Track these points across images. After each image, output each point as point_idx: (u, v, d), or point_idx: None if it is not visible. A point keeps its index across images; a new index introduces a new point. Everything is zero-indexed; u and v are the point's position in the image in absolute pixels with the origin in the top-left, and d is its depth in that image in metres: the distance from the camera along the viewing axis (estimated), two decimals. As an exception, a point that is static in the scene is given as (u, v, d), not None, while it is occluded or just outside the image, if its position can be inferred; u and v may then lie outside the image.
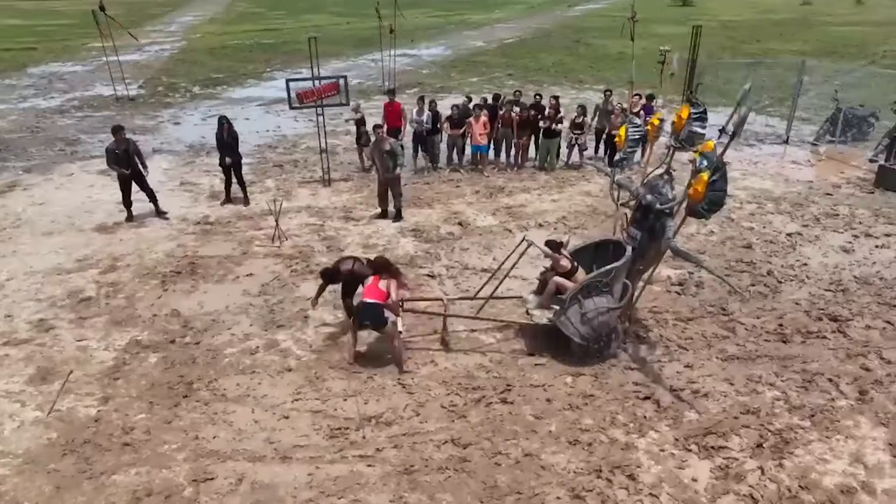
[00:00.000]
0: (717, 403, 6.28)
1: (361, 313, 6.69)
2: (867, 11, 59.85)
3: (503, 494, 5.20)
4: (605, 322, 6.78)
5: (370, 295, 6.72)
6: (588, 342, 6.83)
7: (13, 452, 5.62)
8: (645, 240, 6.87)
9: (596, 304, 6.70)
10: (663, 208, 6.61)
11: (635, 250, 6.90)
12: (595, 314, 6.70)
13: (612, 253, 7.20)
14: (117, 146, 10.31)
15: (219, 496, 5.18)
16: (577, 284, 6.81)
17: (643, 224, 6.89)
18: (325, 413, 6.17)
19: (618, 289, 6.80)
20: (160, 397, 6.36)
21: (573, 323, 6.76)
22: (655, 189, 6.82)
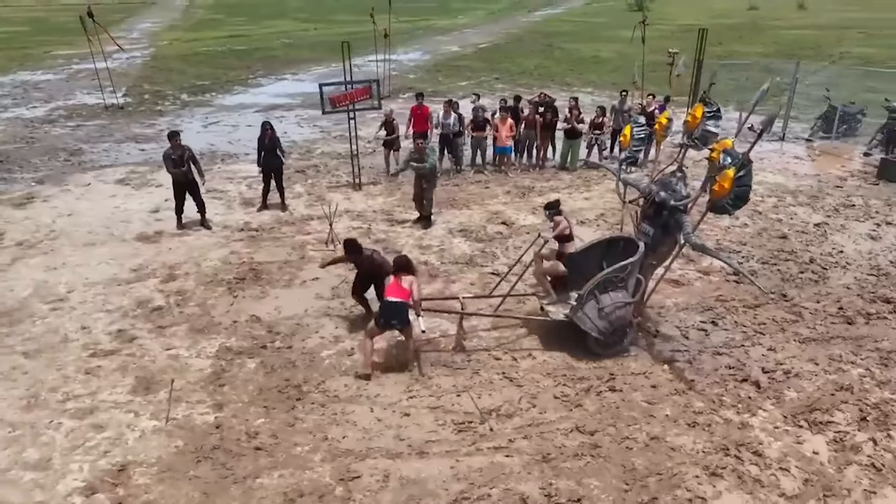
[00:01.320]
0: (811, 382, 6.65)
1: (387, 313, 6.61)
2: (810, 15, 62.72)
3: (643, 476, 5.41)
4: (622, 316, 6.95)
5: (394, 294, 6.62)
6: (605, 336, 6.95)
7: (146, 461, 5.54)
8: (658, 235, 7.07)
9: (612, 298, 6.87)
10: (678, 205, 6.84)
11: (647, 246, 7.07)
12: (612, 309, 6.84)
13: (623, 249, 7.37)
14: (174, 151, 10.19)
15: (371, 493, 5.23)
16: (593, 280, 6.93)
17: (656, 221, 7.08)
18: (444, 409, 6.28)
19: (632, 283, 6.98)
20: (273, 401, 6.35)
21: (591, 318, 6.89)
22: (669, 186, 7.05)
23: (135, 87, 23.75)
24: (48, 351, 7.10)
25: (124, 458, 5.59)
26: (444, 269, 9.24)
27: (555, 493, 5.20)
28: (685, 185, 7.08)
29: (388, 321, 6.63)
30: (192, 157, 10.50)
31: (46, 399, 6.31)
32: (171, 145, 10.30)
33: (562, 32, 44.66)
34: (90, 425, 5.96)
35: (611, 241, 7.74)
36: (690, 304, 8.25)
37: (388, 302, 6.61)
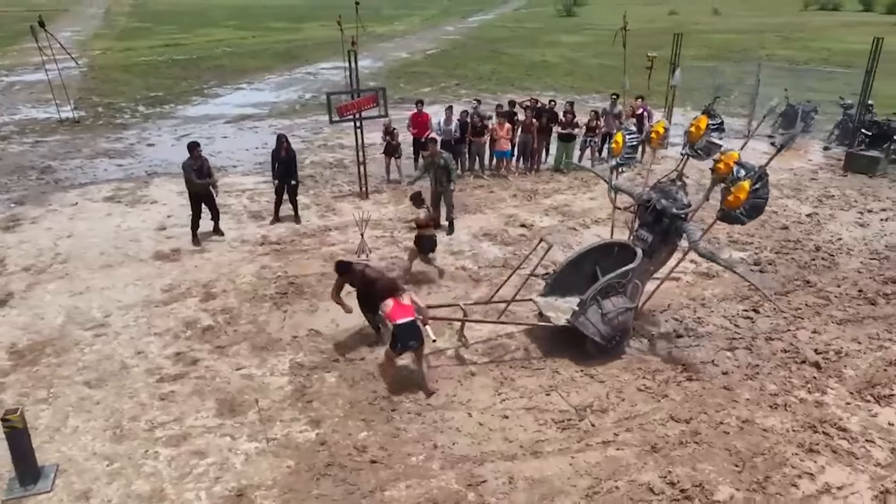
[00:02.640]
0: (862, 360, 7.20)
1: (403, 337, 6.37)
2: (725, 20, 66.55)
3: (749, 458, 5.73)
4: (624, 321, 7.09)
5: (402, 314, 6.40)
6: (607, 341, 7.05)
7: (263, 484, 5.41)
8: (656, 242, 7.26)
9: (614, 304, 7.00)
10: (679, 213, 7.07)
11: (645, 252, 7.22)
12: (615, 314, 6.97)
13: (617, 255, 7.50)
14: (194, 163, 9.88)
15: (504, 495, 5.31)
16: (594, 286, 7.00)
17: (655, 227, 7.27)
18: (539, 408, 6.42)
19: (631, 289, 7.12)
20: (369, 414, 6.31)
21: (594, 323, 6.97)
22: (669, 195, 7.27)
23: (83, 100, 22.56)
24: (111, 379, 6.76)
25: (238, 482, 5.43)
26: (484, 273, 9.35)
27: (676, 481, 5.43)
28: (685, 193, 7.34)
29: (406, 344, 6.41)
30: (210, 170, 10.27)
31: (131, 429, 6.02)
32: (191, 156, 10.02)
33: (502, 38, 45.44)
34: (189, 452, 5.74)
35: (604, 248, 7.82)
36: (728, 295, 8.72)
37: (399, 325, 6.34)
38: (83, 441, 5.84)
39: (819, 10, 75.07)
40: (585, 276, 7.58)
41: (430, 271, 9.13)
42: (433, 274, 9.12)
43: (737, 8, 79.07)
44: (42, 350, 7.27)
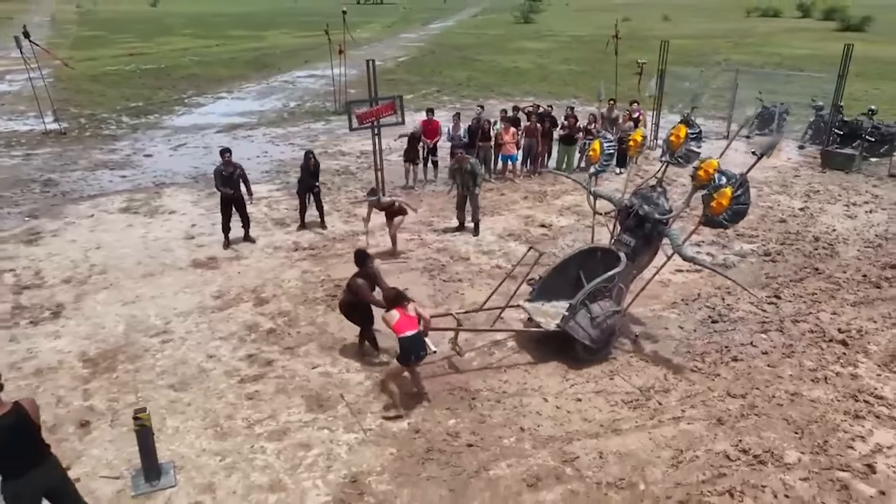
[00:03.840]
0: (882, 336, 7.97)
1: (409, 350, 6.44)
2: (676, 26, 69.07)
3: (805, 425, 6.36)
4: (612, 324, 7.34)
5: (407, 327, 6.42)
6: (596, 344, 7.29)
7: (373, 471, 5.74)
8: (639, 246, 7.54)
9: (602, 308, 7.24)
10: (661, 218, 7.38)
11: (628, 256, 7.50)
12: (603, 318, 7.20)
13: (601, 259, 7.80)
14: (225, 168, 10.06)
15: (598, 468, 5.79)
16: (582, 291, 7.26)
17: (637, 232, 7.54)
18: (607, 391, 6.93)
19: (616, 292, 7.40)
20: (450, 403, 6.71)
21: (583, 327, 7.18)
22: (651, 200, 7.55)
23: (61, 111, 22.02)
24: (194, 382, 6.96)
25: (349, 470, 5.75)
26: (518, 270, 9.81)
27: (748, 448, 6.01)
28: (666, 199, 7.63)
29: (417, 355, 6.49)
30: (243, 175, 10.45)
31: (231, 427, 6.27)
32: (222, 162, 10.22)
33: (468, 45, 46.17)
34: (294, 445, 6.03)
35: (588, 253, 8.12)
36: (749, 284, 9.39)
37: (406, 338, 6.40)
38: (188, 440, 6.06)
39: (761, 17, 78.54)
40: (570, 280, 7.84)
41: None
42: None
43: (684, 14, 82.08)
44: (115, 357, 7.40)
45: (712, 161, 6.98)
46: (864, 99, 20.70)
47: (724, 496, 5.44)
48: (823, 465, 5.82)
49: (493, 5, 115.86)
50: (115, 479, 5.53)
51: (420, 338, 6.48)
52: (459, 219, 11.58)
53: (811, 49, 40.47)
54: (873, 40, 41.56)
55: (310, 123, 20.81)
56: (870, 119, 15.97)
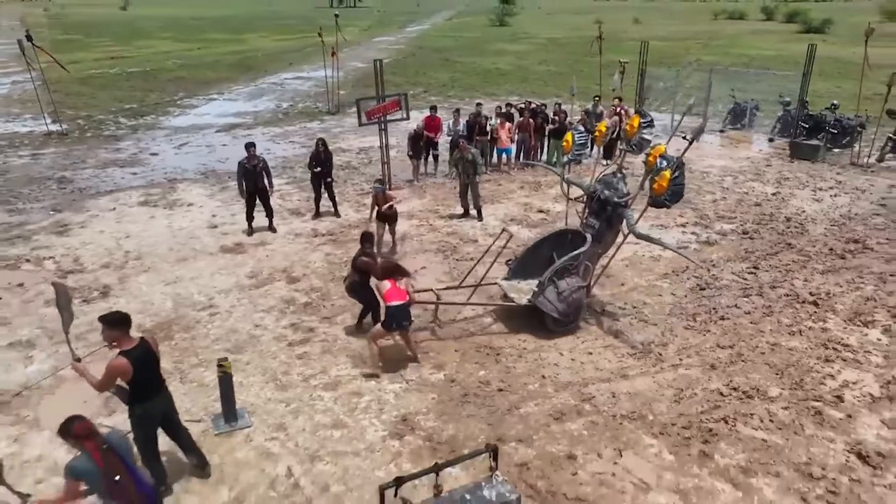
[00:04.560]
0: (846, 297, 9.08)
1: (397, 317, 7.05)
2: (647, 29, 71.02)
3: (784, 368, 7.41)
4: (578, 299, 8.02)
5: (397, 297, 7.05)
6: (563, 317, 7.97)
7: (420, 411, 6.63)
8: (603, 228, 8.21)
9: (569, 284, 7.92)
10: (620, 201, 8.07)
11: (594, 237, 8.17)
12: (570, 293, 7.89)
13: (570, 240, 8.45)
14: (248, 161, 10.80)
15: (612, 404, 6.75)
16: (550, 269, 7.94)
17: (601, 215, 8.20)
18: (614, 346, 7.92)
19: (583, 270, 8.14)
20: (478, 358, 7.63)
21: (551, 301, 7.88)
22: (611, 185, 8.21)
23: (57, 114, 22.45)
24: (247, 346, 7.76)
25: (399, 411, 6.63)
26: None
27: (738, 386, 7.03)
28: (625, 184, 8.30)
29: (400, 323, 7.12)
30: (266, 168, 11.17)
31: (289, 380, 7.10)
32: (247, 155, 10.95)
33: (447, 48, 47.15)
34: (348, 393, 6.89)
35: (558, 235, 8.84)
36: (731, 257, 10.52)
37: (395, 307, 7.03)
38: (254, 391, 6.88)
39: (727, 19, 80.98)
40: (543, 260, 8.46)
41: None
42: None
43: (654, 18, 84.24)
44: (170, 328, 8.17)
45: (660, 147, 7.81)
46: (826, 95, 22.10)
47: (720, 423, 6.44)
48: (800, 397, 6.87)
49: (466, 9, 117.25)
50: (197, 421, 6.32)
51: (405, 308, 7.12)
52: (463, 206, 12.49)
53: (776, 50, 42.32)
54: (833, 42, 43.56)
55: (305, 123, 21.55)
56: (832, 113, 17.30)
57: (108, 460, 4.05)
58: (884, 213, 12.59)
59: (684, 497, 5.49)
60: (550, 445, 6.10)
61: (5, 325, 8.30)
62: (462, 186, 12.33)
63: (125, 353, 4.82)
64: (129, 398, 5.02)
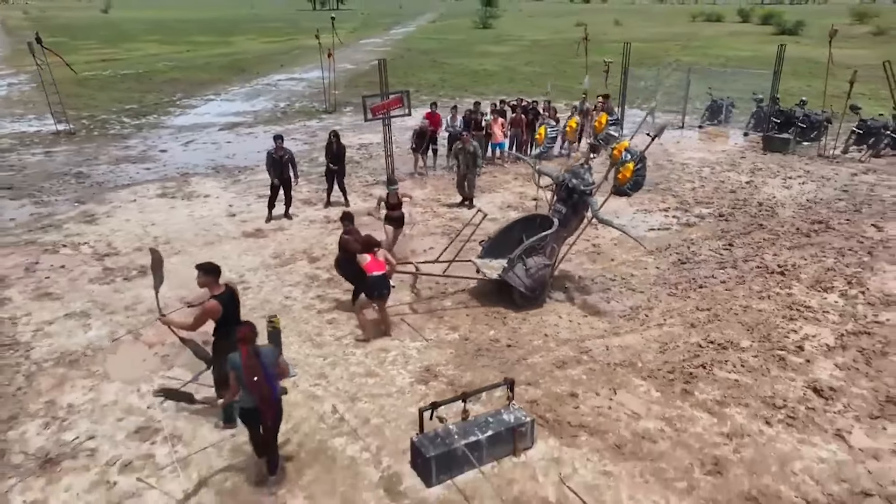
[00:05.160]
0: (810, 268, 10.22)
1: (377, 286, 7.75)
2: (628, 31, 72.57)
3: (754, 325, 8.50)
4: (543, 275, 8.80)
5: (377, 268, 7.76)
6: (530, 291, 8.74)
7: (440, 363, 7.61)
8: (569, 213, 8.94)
9: (536, 262, 8.67)
10: (585, 189, 8.80)
11: (560, 221, 8.89)
12: (536, 269, 8.67)
13: (539, 224, 9.15)
14: (276, 152, 11.71)
15: (606, 354, 7.79)
16: (519, 248, 8.61)
17: (568, 202, 8.93)
18: (601, 311, 8.97)
19: (549, 251, 8.89)
20: (488, 321, 8.64)
21: (520, 276, 8.62)
22: (578, 175, 8.95)
23: (60, 114, 23.12)
24: (281, 313, 8.61)
25: (422, 363, 7.61)
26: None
27: (714, 340, 8.10)
28: (591, 174, 9.06)
29: (381, 292, 7.83)
30: (292, 160, 12.08)
31: (323, 340, 8.06)
32: (275, 146, 11.85)
33: (434, 49, 48.18)
34: (376, 350, 7.86)
35: (529, 219, 9.58)
36: (708, 236, 11.64)
37: (376, 276, 7.73)
38: (293, 349, 7.82)
39: (705, 21, 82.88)
40: (514, 242, 9.07)
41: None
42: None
43: (634, 20, 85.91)
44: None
45: (625, 142, 8.79)
46: (798, 93, 23.43)
47: (699, 368, 7.51)
48: (767, 347, 7.96)
49: (449, 11, 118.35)
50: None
51: (385, 278, 7.83)
52: (462, 195, 13.50)
53: (752, 51, 43.85)
54: (806, 43, 45.28)
55: (304, 121, 22.44)
56: (801, 109, 18.57)
57: (251, 363, 5.19)
58: (846, 198, 13.81)
59: (669, 423, 6.54)
60: (555, 387, 7.12)
61: (59, 299, 9.16)
62: (460, 177, 13.33)
63: (216, 297, 5.78)
64: (214, 334, 5.99)
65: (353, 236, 8.52)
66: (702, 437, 6.32)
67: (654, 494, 5.59)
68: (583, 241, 11.22)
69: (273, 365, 5.39)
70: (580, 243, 11.08)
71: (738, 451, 6.12)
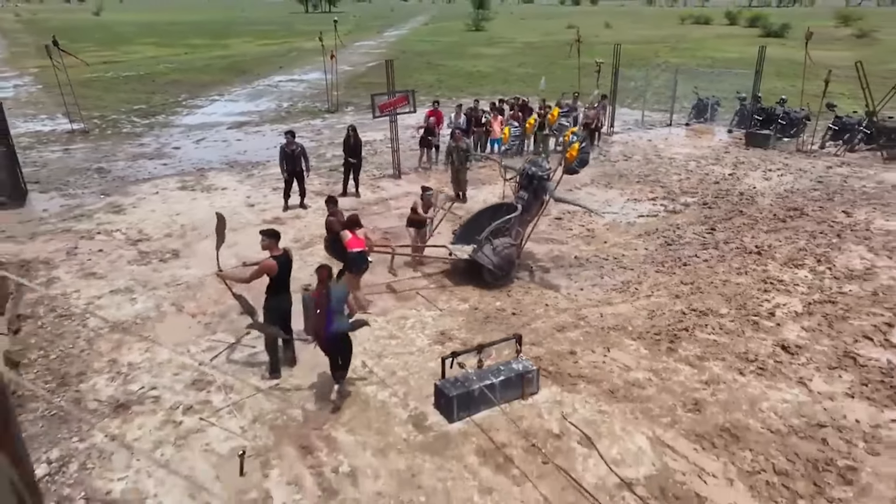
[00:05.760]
0: (783, 249, 11.26)
1: (357, 262, 8.43)
2: (618, 33, 73.84)
3: (732, 296, 9.52)
4: (510, 254, 9.73)
5: (357, 245, 8.42)
6: (497, 269, 9.62)
7: (454, 328, 8.57)
8: (531, 199, 9.93)
9: (502, 242, 9.62)
10: (542, 175, 9.87)
11: (524, 207, 9.89)
12: (502, 248, 9.59)
13: (505, 210, 10.07)
14: (288, 146, 12.65)
15: (600, 320, 8.78)
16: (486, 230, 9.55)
17: (528, 188, 9.93)
18: (600, 285, 9.97)
19: (514, 232, 9.89)
20: (495, 294, 9.61)
21: (488, 256, 9.54)
22: (536, 163, 10.08)
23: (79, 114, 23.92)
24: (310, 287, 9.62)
25: (437, 328, 8.57)
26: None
27: (696, 308, 9.12)
28: (547, 162, 10.42)
29: (359, 266, 8.54)
30: (303, 153, 13.02)
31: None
32: (286, 142, 12.78)
33: (428, 51, 49.18)
34: (396, 318, 8.82)
35: (496, 206, 10.51)
36: (692, 222, 12.67)
37: (355, 253, 8.39)
38: (322, 317, 8.74)
39: (694, 24, 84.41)
40: (483, 228, 9.85)
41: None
42: None
43: (624, 22, 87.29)
44: (241, 277, 9.97)
45: (573, 129, 10.02)
46: (782, 92, 24.54)
47: (682, 331, 8.51)
48: (743, 314, 8.98)
49: (440, 14, 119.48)
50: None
51: (364, 254, 8.55)
52: (455, 189, 14.45)
53: (738, 52, 45.08)
54: (791, 45, 46.61)
55: (309, 120, 23.34)
56: (781, 107, 19.69)
57: (321, 300, 6.19)
58: (820, 188, 14.90)
59: (655, 374, 7.54)
60: (556, 346, 8.11)
61: (103, 278, 10.06)
62: (453, 172, 14.29)
63: (274, 257, 6.73)
64: (267, 291, 6.95)
65: (336, 217, 9.18)
66: (684, 384, 7.31)
67: (643, 427, 6.58)
68: (578, 226, 12.32)
69: (340, 301, 6.32)
70: (576, 228, 12.19)
71: (715, 395, 7.12)
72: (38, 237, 11.76)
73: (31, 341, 8.18)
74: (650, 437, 6.42)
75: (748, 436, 6.45)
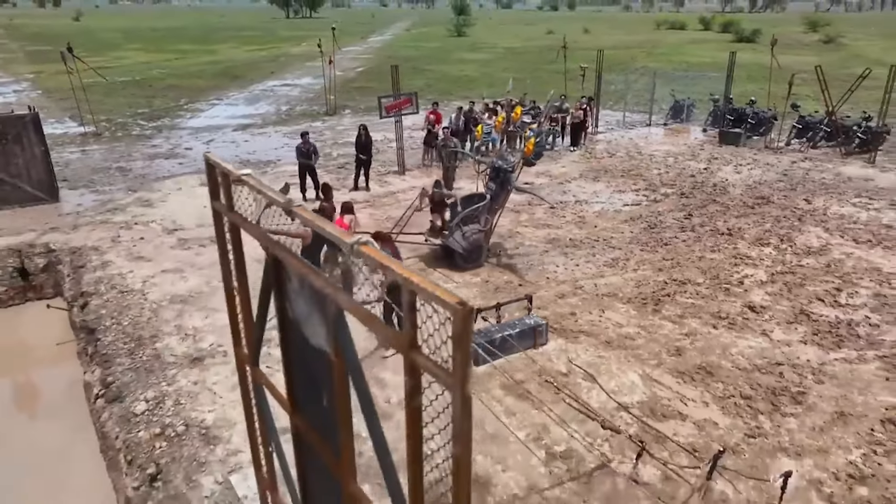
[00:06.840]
0: (751, 231, 12.80)
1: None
2: (596, 38, 75.94)
3: (707, 269, 11.01)
4: (478, 239, 10.72)
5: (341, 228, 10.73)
6: (467, 253, 10.66)
7: (469, 297, 9.94)
8: (498, 189, 10.93)
9: (471, 228, 10.65)
10: (508, 167, 10.91)
11: (492, 197, 10.93)
12: (471, 234, 10.62)
13: (476, 200, 11.04)
14: (303, 145, 13.93)
15: (595, 289, 10.20)
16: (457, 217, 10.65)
17: (496, 180, 10.96)
18: (593, 262, 11.40)
19: (483, 220, 10.86)
20: (501, 270, 10.98)
21: (458, 241, 10.54)
22: (503, 157, 11.26)
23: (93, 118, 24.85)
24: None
25: (455, 297, 9.91)
26: (518, 208, 14.22)
27: (676, 279, 10.58)
28: (512, 156, 11.79)
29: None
30: (315, 151, 14.32)
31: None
32: (302, 141, 14.06)
33: (414, 57, 50.57)
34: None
35: (468, 197, 11.32)
36: (671, 209, 14.19)
37: None
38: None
39: (669, 29, 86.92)
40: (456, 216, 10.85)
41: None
42: None
43: (601, 27, 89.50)
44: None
45: (532, 125, 11.38)
46: (751, 95, 26.32)
47: (665, 296, 9.96)
48: (716, 283, 10.47)
49: (420, 20, 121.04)
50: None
51: None
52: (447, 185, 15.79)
53: (711, 57, 47.17)
54: (761, 50, 48.78)
55: (309, 122, 24.55)
56: (751, 108, 21.38)
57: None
58: (785, 180, 16.54)
59: (644, 329, 8.96)
60: (558, 309, 9.50)
61: (151, 261, 11.24)
62: (444, 170, 15.65)
63: None
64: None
65: (330, 204, 10.35)
66: (667, 336, 8.75)
67: (635, 367, 7.99)
68: (570, 213, 13.75)
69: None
70: (569, 216, 13.61)
71: (693, 343, 8.56)
72: (81, 228, 12.89)
73: (102, 311, 9.37)
74: (641, 374, 7.83)
75: (720, 372, 7.89)
